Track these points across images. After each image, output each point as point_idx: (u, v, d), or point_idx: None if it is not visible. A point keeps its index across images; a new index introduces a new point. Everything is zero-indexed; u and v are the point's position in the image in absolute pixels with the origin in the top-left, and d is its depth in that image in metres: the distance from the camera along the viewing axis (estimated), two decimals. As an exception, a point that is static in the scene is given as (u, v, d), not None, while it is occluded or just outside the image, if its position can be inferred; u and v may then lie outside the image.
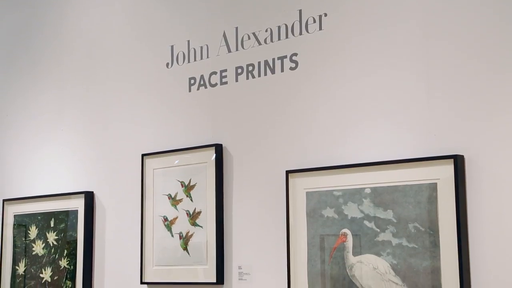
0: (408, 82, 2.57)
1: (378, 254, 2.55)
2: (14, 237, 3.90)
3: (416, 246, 2.46)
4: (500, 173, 2.33)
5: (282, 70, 2.94)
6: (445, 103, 2.47)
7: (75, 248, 3.56)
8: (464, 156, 2.40)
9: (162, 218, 3.23)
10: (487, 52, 2.40)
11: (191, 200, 3.14)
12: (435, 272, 2.40)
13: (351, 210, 2.63)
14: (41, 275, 3.70)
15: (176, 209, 3.19)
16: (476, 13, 2.44)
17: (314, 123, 2.81)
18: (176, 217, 3.19)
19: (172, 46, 3.35)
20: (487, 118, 2.37)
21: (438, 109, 2.48)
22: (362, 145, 2.67)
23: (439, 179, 2.43)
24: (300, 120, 2.86)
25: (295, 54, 2.90)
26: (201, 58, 3.22)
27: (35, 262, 3.74)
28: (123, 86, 3.55)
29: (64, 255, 3.61)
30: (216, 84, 3.16)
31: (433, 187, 2.44)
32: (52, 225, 3.69)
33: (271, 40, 2.98)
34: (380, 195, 2.56)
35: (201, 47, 3.23)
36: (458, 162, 2.38)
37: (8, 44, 4.25)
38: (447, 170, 2.40)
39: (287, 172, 2.82)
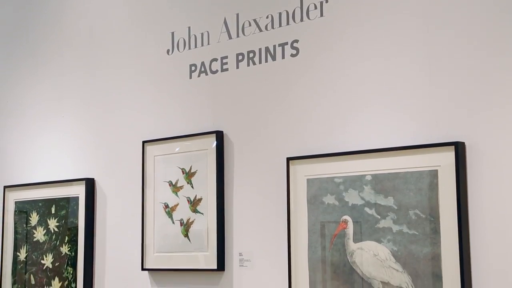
0: (410, 69, 2.56)
1: (378, 240, 2.55)
2: (15, 223, 3.90)
3: (417, 233, 2.46)
4: (501, 160, 2.33)
5: (283, 57, 2.93)
6: (446, 90, 2.47)
7: (76, 235, 3.57)
8: (465, 143, 2.40)
9: (163, 205, 3.24)
10: (489, 39, 2.39)
11: (192, 187, 3.15)
12: (436, 259, 2.41)
13: (352, 197, 2.64)
14: (42, 261, 3.72)
15: (177, 196, 3.19)
16: (478, 0, 2.43)
17: (315, 110, 2.81)
18: (177, 204, 3.19)
19: (172, 33, 3.34)
20: (489, 105, 2.37)
21: (439, 96, 2.48)
22: (363, 132, 2.66)
23: (440, 166, 2.43)
24: (301, 107, 2.86)
25: (296, 41, 2.89)
26: (202, 45, 3.21)
27: (36, 248, 3.75)
28: (124, 73, 3.55)
29: (65, 241, 3.62)
30: (217, 71, 3.15)
31: (434, 174, 2.44)
32: (53, 211, 3.70)
33: (272, 27, 2.97)
34: (381, 182, 2.56)
35: (202, 34, 3.22)
36: (459, 149, 2.38)
37: (8, 31, 4.23)
38: (448, 157, 2.40)
39: (288, 159, 2.82)
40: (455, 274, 2.35)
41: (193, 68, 3.24)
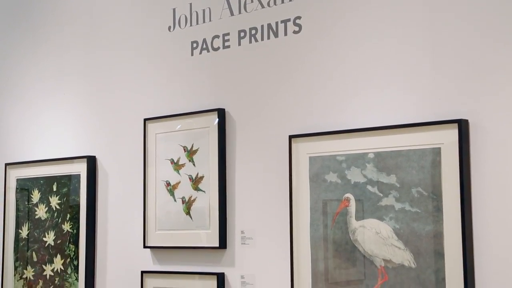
0: (413, 46, 2.54)
1: (381, 218, 2.55)
2: (16, 201, 3.91)
3: (419, 211, 2.45)
4: (505, 138, 2.31)
5: (286, 34, 2.91)
6: (450, 67, 2.45)
7: (78, 212, 3.57)
8: (469, 121, 2.38)
9: (165, 182, 3.23)
10: (493, 16, 2.37)
11: (194, 165, 3.14)
12: (438, 237, 2.41)
13: (354, 175, 2.63)
14: (44, 238, 3.72)
15: (179, 173, 3.19)
16: (483, -25, 2.40)
17: (317, 88, 2.79)
18: (179, 182, 3.19)
19: (174, 9, 3.31)
20: (492, 82, 2.35)
21: (443, 73, 2.46)
22: (365, 109, 2.65)
23: (443, 143, 2.41)
24: (303, 85, 2.84)
25: (299, 18, 2.87)
26: (204, 22, 3.19)
27: (38, 226, 3.76)
28: (125, 50, 3.53)
29: (67, 219, 3.62)
30: (218, 48, 3.13)
31: (436, 152, 2.43)
32: (54, 189, 3.70)
33: (274, 3, 2.94)
34: (383, 160, 2.55)
35: (204, 10, 3.19)
36: (463, 126, 2.37)
37: (9, 9, 4.20)
38: (451, 134, 2.39)
39: (290, 137, 2.81)
40: (457, 251, 2.35)
41: (194, 45, 3.22)
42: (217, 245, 3.01)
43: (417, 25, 2.54)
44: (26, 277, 3.79)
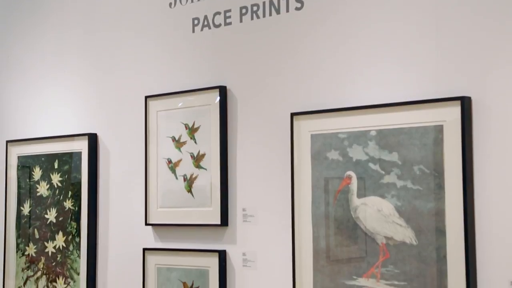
0: (416, 23, 2.52)
1: (382, 196, 2.54)
2: (18, 178, 3.91)
3: (421, 188, 2.45)
4: (508, 115, 2.31)
5: (288, 10, 2.88)
6: (453, 44, 2.43)
7: (79, 190, 3.57)
8: (471, 98, 2.37)
9: (166, 160, 3.23)
10: (498, -8, 2.35)
11: (195, 142, 3.13)
12: (440, 214, 2.41)
13: (356, 153, 2.62)
14: (46, 215, 3.73)
15: (180, 151, 3.18)
16: (488, -49, 2.38)
17: (319, 65, 2.78)
18: (180, 160, 3.18)
19: (175, -14, 3.29)
20: (495, 59, 2.34)
21: (446, 49, 2.44)
22: (368, 87, 2.64)
23: (445, 121, 2.41)
24: (305, 62, 2.82)
25: (301, -6, 2.85)
26: (205, -2, 3.17)
27: (40, 203, 3.77)
28: (126, 27, 3.51)
29: (69, 196, 3.62)
30: (220, 25, 3.11)
31: (439, 129, 2.42)
32: (56, 166, 3.70)
33: (276, -21, 2.92)
34: (385, 138, 2.55)
35: (205, -13, 3.17)
36: (465, 103, 2.36)
37: (9, -16, 4.18)
38: (454, 112, 2.38)
39: (292, 115, 2.80)
40: (459, 229, 2.35)
41: (195, 22, 3.20)
42: (219, 222, 3.02)
43: (420, 2, 2.52)
44: (28, 254, 3.81)
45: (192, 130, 3.15)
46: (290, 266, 2.79)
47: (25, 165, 3.87)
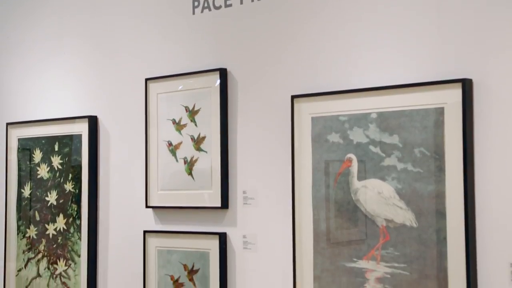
0: (417, 4, 2.51)
1: (383, 178, 2.54)
2: (18, 160, 3.91)
3: (422, 171, 2.45)
4: (509, 97, 2.30)
5: (288, -8, 2.87)
6: (454, 25, 2.42)
7: (79, 172, 3.58)
8: (473, 80, 2.36)
9: (167, 143, 3.23)
10: (500, -27, 2.33)
11: (196, 125, 3.13)
12: (440, 196, 2.41)
13: (357, 135, 2.62)
14: (46, 198, 3.74)
15: (181, 134, 3.18)
16: None
17: (320, 47, 2.77)
18: (181, 142, 3.18)
19: (175, -32, 3.27)
20: (497, 41, 2.33)
21: (447, 32, 2.43)
22: (368, 69, 2.63)
23: (446, 103, 2.40)
24: (306, 44, 2.81)
25: (302, -24, 2.83)
26: (205, -20, 3.15)
27: (40, 185, 3.77)
28: (126, 10, 3.49)
29: (69, 179, 3.63)
30: (220, 7, 3.09)
31: (440, 112, 2.42)
32: (56, 149, 3.70)
33: (277, -39, 2.90)
34: (386, 120, 2.54)
35: (205, -32, 3.15)
36: (466, 86, 2.35)
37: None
38: (455, 94, 2.37)
39: (293, 97, 2.79)
40: (459, 211, 2.36)
41: (196, 3, 3.18)
42: (219, 205, 3.02)
43: (422, -17, 2.51)
44: (29, 236, 3.82)
45: (192, 113, 3.14)
46: (290, 248, 2.80)
47: (26, 147, 3.87)
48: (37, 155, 3.79)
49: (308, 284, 2.73)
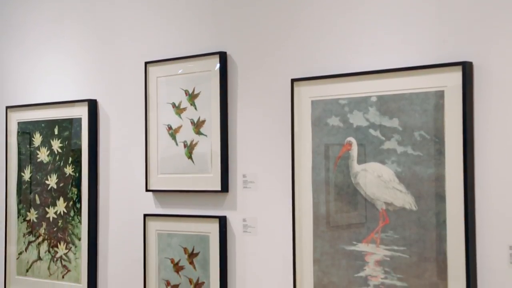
0: (418, -13, 2.50)
1: (382, 162, 2.55)
2: (18, 144, 3.91)
3: (421, 154, 2.45)
4: (510, 81, 2.29)
5: (289, -25, 2.86)
6: (455, 8, 2.41)
7: (79, 156, 3.58)
8: (473, 63, 2.36)
9: (166, 126, 3.23)
10: (501, -45, 2.32)
11: (195, 108, 3.13)
12: (440, 180, 2.41)
13: (357, 119, 2.62)
14: (46, 181, 3.74)
15: (180, 117, 3.18)
16: None
17: (320, 30, 2.76)
18: (181, 126, 3.18)
19: (174, -50, 3.26)
20: (497, 24, 2.32)
21: (447, 15, 2.42)
22: (368, 52, 2.62)
23: (446, 86, 2.40)
24: (306, 28, 2.80)
25: (302, -42, 2.82)
26: (205, -37, 3.14)
27: (40, 169, 3.77)
28: (125, -8, 3.48)
29: (69, 162, 3.63)
30: (220, -10, 3.09)
31: (440, 95, 2.42)
32: (56, 132, 3.70)
33: None
34: (386, 103, 2.54)
35: (205, -49, 3.14)
36: (467, 69, 2.35)
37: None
38: (455, 77, 2.37)
39: (292, 80, 2.79)
40: (458, 194, 2.36)
41: (196, -13, 3.17)
42: (219, 188, 3.03)
43: (422, -35, 2.49)
44: (30, 220, 3.83)
45: (192, 96, 3.14)
46: (290, 232, 2.81)
47: (25, 131, 3.87)
48: (37, 139, 3.80)
49: (307, 267, 2.74)
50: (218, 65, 3.03)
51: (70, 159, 3.62)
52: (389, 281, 2.52)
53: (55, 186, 3.70)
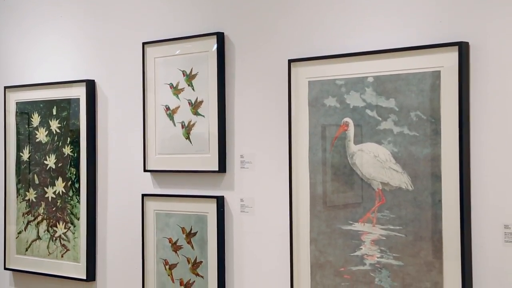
0: (415, -33, 2.50)
1: (379, 142, 2.56)
2: (17, 124, 3.92)
3: (417, 134, 2.47)
4: (506, 61, 2.30)
5: (286, -45, 2.85)
6: (452, -11, 2.41)
7: (78, 136, 3.59)
8: (469, 43, 2.37)
9: (164, 107, 3.24)
10: None
11: (193, 89, 3.13)
12: (435, 160, 2.43)
13: (353, 99, 2.63)
14: (45, 161, 3.75)
15: (178, 98, 3.19)
16: None
17: (317, 11, 2.76)
18: (178, 107, 3.19)
19: None
20: (494, 3, 2.32)
21: (445, -5, 2.43)
22: (365, 33, 2.62)
23: (443, 66, 2.41)
24: (303, 8, 2.80)
25: None
26: None
27: (39, 149, 3.78)
28: (123, -27, 3.47)
29: (68, 142, 3.64)
30: (218, -30, 3.08)
31: (436, 75, 2.42)
32: (54, 113, 3.71)
33: None
34: (382, 84, 2.55)
35: None
36: (463, 49, 2.35)
37: None
38: (451, 57, 2.37)
39: (290, 61, 2.80)
40: (454, 174, 2.38)
41: (193, -33, 3.17)
42: (217, 169, 3.04)
43: None
44: (29, 199, 3.85)
45: (189, 77, 3.15)
46: (287, 211, 2.82)
47: (24, 111, 3.88)
48: (35, 119, 3.80)
49: (304, 246, 2.76)
50: (215, 46, 3.03)
51: (69, 139, 3.63)
52: (385, 260, 2.55)
53: (53, 166, 3.71)
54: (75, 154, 3.60)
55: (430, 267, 2.44)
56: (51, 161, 3.72)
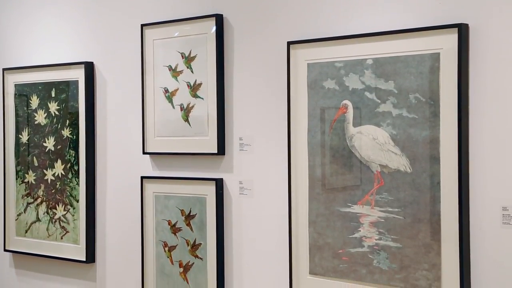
0: (415, -52, 2.49)
1: (378, 125, 2.56)
2: (16, 106, 3.91)
3: (416, 117, 2.47)
4: (506, 43, 2.29)
5: None
6: (452, -30, 2.40)
7: (77, 118, 3.58)
8: (469, 25, 2.36)
9: (163, 89, 3.23)
10: None
11: (192, 71, 3.13)
12: (434, 142, 2.43)
13: (352, 82, 2.62)
14: (44, 144, 3.75)
15: (177, 80, 3.18)
16: None
17: (317, -8, 2.75)
18: (177, 89, 3.18)
19: None
20: (495, -14, 2.32)
21: (445, -23, 2.42)
22: (364, 15, 2.62)
23: (442, 48, 2.40)
24: (302, -11, 2.79)
25: None
26: None
27: (38, 131, 3.78)
28: (121, -46, 3.46)
29: (67, 125, 3.64)
30: (216, -48, 3.06)
31: (435, 57, 2.42)
32: (53, 95, 3.70)
33: None
34: (381, 66, 2.54)
35: None
36: (462, 31, 2.34)
37: None
38: (451, 39, 2.37)
39: (289, 43, 2.79)
40: (453, 156, 2.38)
41: None
42: (216, 151, 3.04)
43: None
44: (28, 181, 3.85)
45: (188, 59, 3.14)
46: (286, 194, 2.83)
47: (22, 93, 3.87)
48: (34, 101, 3.80)
49: (303, 229, 2.77)
50: (214, 28, 3.03)
51: (67, 121, 3.63)
52: (383, 242, 2.56)
53: (52, 149, 3.71)
54: (74, 137, 3.60)
55: (428, 249, 2.45)
56: (50, 143, 3.72)
